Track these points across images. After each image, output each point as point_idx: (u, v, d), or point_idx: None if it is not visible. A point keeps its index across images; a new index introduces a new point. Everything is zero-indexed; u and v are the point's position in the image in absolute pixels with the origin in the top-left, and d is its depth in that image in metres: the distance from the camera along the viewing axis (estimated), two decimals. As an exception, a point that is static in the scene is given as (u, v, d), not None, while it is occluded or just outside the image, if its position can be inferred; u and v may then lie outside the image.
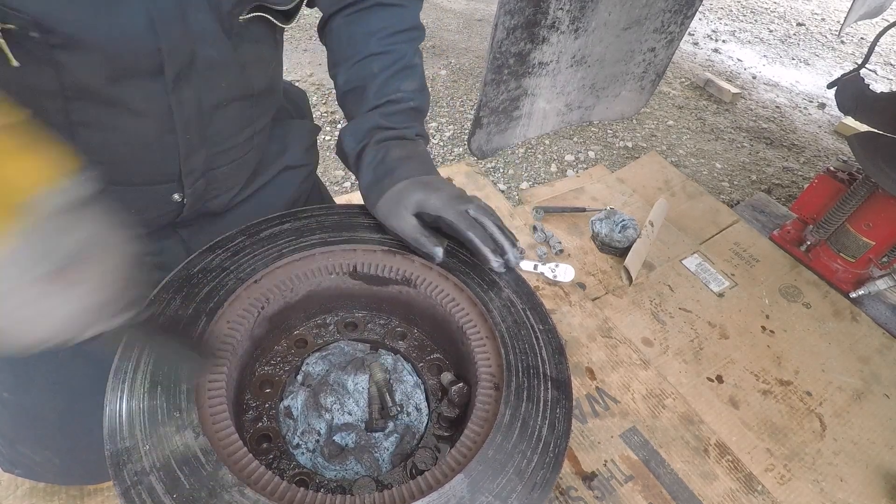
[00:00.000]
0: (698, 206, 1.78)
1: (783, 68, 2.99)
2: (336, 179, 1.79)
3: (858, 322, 1.48)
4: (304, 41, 2.45)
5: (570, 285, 1.44)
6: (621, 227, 1.52)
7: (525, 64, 1.72)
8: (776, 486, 1.11)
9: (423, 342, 0.77)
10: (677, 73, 2.72)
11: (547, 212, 1.64)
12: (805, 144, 2.34)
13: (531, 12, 1.55)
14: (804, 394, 1.30)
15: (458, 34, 2.74)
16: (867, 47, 1.94)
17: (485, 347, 0.67)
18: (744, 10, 3.69)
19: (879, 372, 1.37)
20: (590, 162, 2.01)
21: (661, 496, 1.05)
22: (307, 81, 2.20)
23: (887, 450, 1.21)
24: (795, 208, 1.67)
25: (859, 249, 1.53)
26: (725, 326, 1.42)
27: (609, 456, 1.10)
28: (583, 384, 1.22)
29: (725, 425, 1.21)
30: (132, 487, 0.48)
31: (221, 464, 0.50)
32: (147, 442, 0.51)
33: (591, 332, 1.34)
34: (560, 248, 1.54)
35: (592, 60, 1.93)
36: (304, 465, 0.62)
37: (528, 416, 0.59)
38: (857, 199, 1.47)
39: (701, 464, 1.12)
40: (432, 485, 0.53)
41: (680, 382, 1.27)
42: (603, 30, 1.83)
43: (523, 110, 1.90)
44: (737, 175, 2.09)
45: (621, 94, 2.19)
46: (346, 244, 0.73)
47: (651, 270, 1.54)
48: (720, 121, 2.41)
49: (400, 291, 0.75)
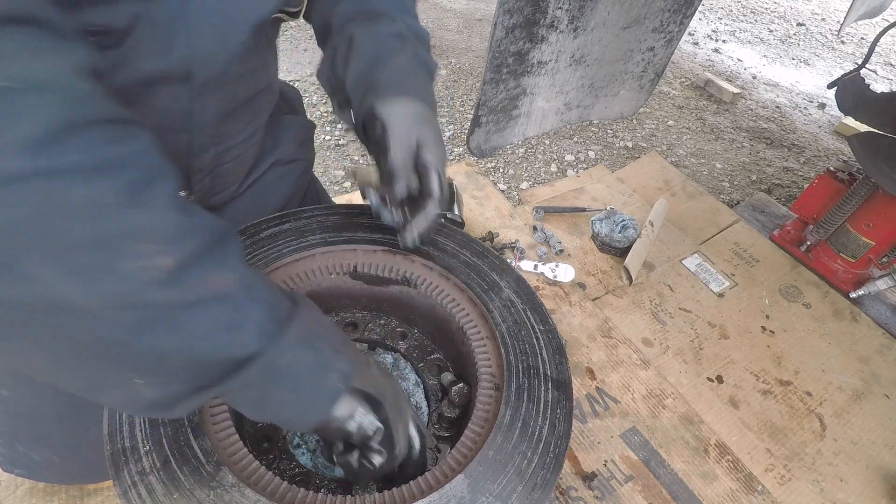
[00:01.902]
0: (698, 206, 1.78)
1: (783, 68, 2.99)
2: (336, 179, 1.79)
3: (858, 322, 1.48)
4: (304, 41, 2.45)
5: (570, 285, 1.44)
6: (621, 227, 1.52)
7: (524, 63, 1.72)
8: (776, 486, 1.11)
9: (423, 342, 0.77)
10: (677, 73, 2.72)
11: (547, 212, 1.64)
12: (805, 144, 2.34)
13: (530, 11, 1.55)
14: (804, 394, 1.30)
15: (458, 34, 2.74)
16: (867, 47, 1.94)
17: (485, 348, 0.66)
18: (744, 10, 3.69)
19: (879, 372, 1.37)
20: (590, 162, 2.01)
21: (661, 496, 1.05)
22: (307, 81, 2.20)
23: (887, 450, 1.21)
24: (795, 208, 1.67)
25: (859, 249, 1.53)
26: (725, 326, 1.42)
27: (609, 456, 1.10)
28: (583, 384, 1.22)
29: (725, 425, 1.21)
30: (132, 487, 0.48)
31: (221, 464, 0.50)
32: (147, 442, 0.51)
33: (591, 332, 1.34)
34: (560, 248, 1.54)
35: (591, 60, 1.93)
36: (304, 465, 0.62)
37: (528, 416, 0.59)
38: (857, 200, 1.47)
39: (701, 464, 1.12)
40: (432, 485, 0.53)
41: (680, 382, 1.27)
42: (602, 29, 1.83)
43: (522, 109, 1.90)
44: (737, 175, 2.09)
45: (620, 94, 2.19)
46: (346, 244, 0.73)
47: (651, 270, 1.54)
48: (720, 121, 2.41)
49: (400, 291, 0.75)
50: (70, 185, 0.34)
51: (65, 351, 0.38)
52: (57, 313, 0.36)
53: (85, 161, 0.34)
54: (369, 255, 0.74)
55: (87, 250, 0.35)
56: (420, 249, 0.74)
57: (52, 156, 0.33)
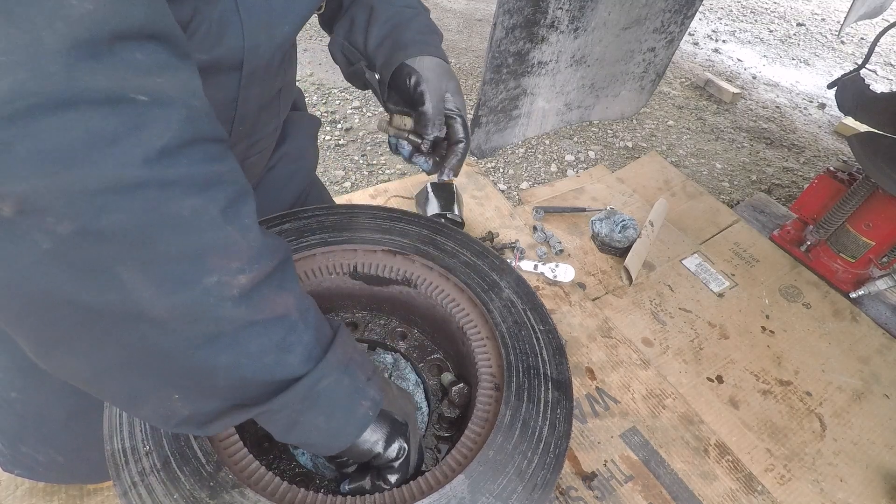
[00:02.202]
0: (698, 206, 1.78)
1: (783, 68, 2.99)
2: (336, 179, 1.79)
3: (858, 322, 1.48)
4: (305, 41, 2.45)
5: (570, 285, 1.44)
6: (621, 227, 1.52)
7: (524, 63, 1.71)
8: (776, 486, 1.11)
9: (423, 342, 0.77)
10: (677, 73, 2.72)
11: (547, 212, 1.64)
12: (805, 144, 2.34)
13: (530, 12, 1.55)
14: (804, 394, 1.30)
15: (458, 34, 2.74)
16: (867, 47, 1.94)
17: (485, 348, 0.66)
18: (744, 10, 3.69)
19: (879, 372, 1.37)
20: (590, 162, 2.01)
21: (661, 496, 1.05)
22: (307, 81, 2.20)
23: (887, 450, 1.21)
24: (795, 208, 1.67)
25: (859, 249, 1.53)
26: (725, 326, 1.42)
27: (609, 456, 1.10)
28: (583, 384, 1.22)
29: (725, 425, 1.21)
30: (132, 487, 0.48)
31: (221, 464, 0.50)
32: (147, 442, 0.51)
33: (591, 332, 1.34)
34: (560, 248, 1.54)
35: (592, 60, 1.93)
36: (304, 465, 0.62)
37: (528, 416, 0.59)
38: (857, 200, 1.47)
39: (701, 464, 1.12)
40: (433, 485, 0.53)
41: (680, 382, 1.27)
42: (602, 29, 1.83)
43: (522, 109, 1.90)
44: (737, 175, 2.09)
45: (621, 94, 2.19)
46: (346, 244, 0.73)
47: (651, 270, 1.54)
48: (720, 121, 2.41)
49: (400, 291, 0.75)
50: (180, 196, 0.35)
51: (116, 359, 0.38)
52: (125, 320, 0.36)
53: (195, 175, 0.36)
54: (369, 255, 0.74)
55: (179, 261, 0.36)
56: (420, 249, 0.74)
57: (167, 167, 0.34)
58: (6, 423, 0.75)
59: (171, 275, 0.36)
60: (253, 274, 0.40)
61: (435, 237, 0.76)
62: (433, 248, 0.75)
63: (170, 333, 0.37)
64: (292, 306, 0.44)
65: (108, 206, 0.33)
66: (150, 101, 0.34)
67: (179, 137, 0.35)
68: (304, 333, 0.44)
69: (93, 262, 0.34)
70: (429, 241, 0.76)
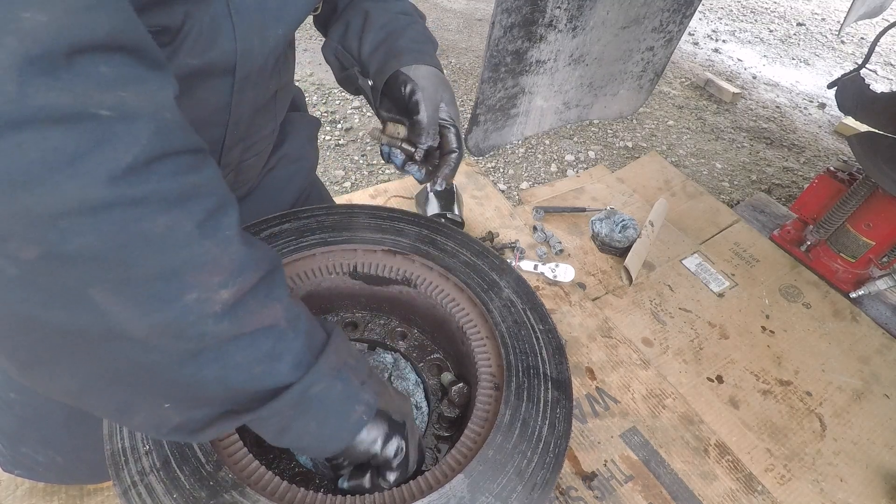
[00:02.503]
0: (698, 206, 1.78)
1: (783, 68, 2.99)
2: (336, 179, 1.79)
3: (858, 322, 1.48)
4: (304, 41, 2.45)
5: (570, 285, 1.44)
6: (621, 227, 1.52)
7: (522, 62, 1.71)
8: (776, 486, 1.11)
9: (423, 342, 0.77)
10: (677, 73, 2.72)
11: (547, 212, 1.64)
12: (805, 144, 2.34)
13: (528, 10, 1.55)
14: (804, 394, 1.30)
15: (458, 34, 2.74)
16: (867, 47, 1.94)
17: (485, 347, 0.66)
18: (744, 10, 3.69)
19: (879, 372, 1.37)
20: (590, 162, 2.01)
21: (661, 496, 1.05)
22: (307, 81, 2.20)
23: (887, 450, 1.21)
24: (795, 208, 1.67)
25: (859, 249, 1.53)
26: (725, 326, 1.42)
27: (609, 456, 1.10)
28: (583, 384, 1.22)
29: (725, 425, 1.21)
30: (132, 487, 0.48)
31: (221, 463, 0.50)
32: (147, 442, 0.51)
33: (591, 332, 1.34)
34: (560, 248, 1.54)
35: (590, 59, 1.93)
36: (304, 465, 0.62)
37: (528, 416, 0.59)
38: (857, 199, 1.47)
39: (701, 464, 1.12)
40: (432, 485, 0.53)
41: (680, 382, 1.27)
42: (601, 28, 1.83)
43: (521, 108, 1.90)
44: (737, 175, 2.09)
45: (619, 93, 2.19)
46: (346, 244, 0.73)
47: (651, 270, 1.54)
48: (720, 121, 2.41)
49: (400, 291, 0.75)
50: (152, 214, 0.34)
51: (100, 376, 0.38)
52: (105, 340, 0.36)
53: (166, 190, 0.35)
54: (369, 255, 0.74)
55: (156, 280, 0.35)
56: (420, 248, 0.74)
57: (135, 185, 0.33)
58: (6, 423, 0.75)
59: (149, 294, 0.35)
60: (235, 288, 0.39)
61: (435, 237, 0.76)
62: (433, 248, 0.75)
63: (152, 351, 0.37)
64: (280, 316, 0.43)
65: (73, 228, 0.31)
66: (115, 117, 0.32)
67: (148, 152, 0.33)
68: (293, 342, 0.44)
69: (62, 286, 0.33)
70: (428, 241, 0.76)
